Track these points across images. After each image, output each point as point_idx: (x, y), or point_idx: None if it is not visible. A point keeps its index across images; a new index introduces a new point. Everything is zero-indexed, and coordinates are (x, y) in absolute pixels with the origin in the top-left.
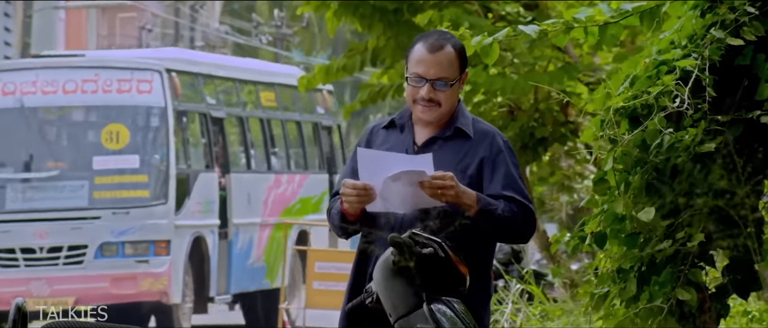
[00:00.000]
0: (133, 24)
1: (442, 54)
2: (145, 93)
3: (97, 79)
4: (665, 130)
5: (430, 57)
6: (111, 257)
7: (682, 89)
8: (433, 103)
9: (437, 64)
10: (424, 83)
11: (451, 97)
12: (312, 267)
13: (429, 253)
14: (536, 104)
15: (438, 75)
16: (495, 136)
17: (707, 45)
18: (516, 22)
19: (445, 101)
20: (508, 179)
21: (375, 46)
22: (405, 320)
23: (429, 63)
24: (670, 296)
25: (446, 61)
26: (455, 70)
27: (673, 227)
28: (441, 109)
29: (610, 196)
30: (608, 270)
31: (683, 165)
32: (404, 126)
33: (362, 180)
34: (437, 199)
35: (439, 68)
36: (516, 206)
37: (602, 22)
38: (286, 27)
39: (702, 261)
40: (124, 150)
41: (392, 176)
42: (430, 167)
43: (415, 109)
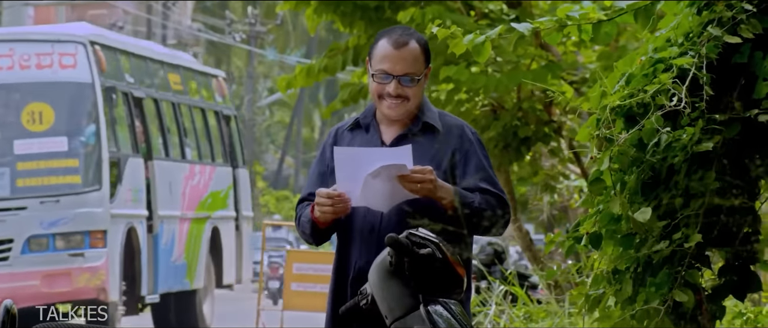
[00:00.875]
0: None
1: (408, 50)
2: (69, 68)
3: (12, 54)
4: (662, 129)
5: (395, 53)
6: (41, 252)
7: (679, 88)
8: (400, 98)
9: (403, 60)
10: (391, 79)
11: (418, 92)
12: (290, 268)
13: (426, 253)
14: (519, 103)
15: (404, 71)
16: (464, 128)
17: (704, 43)
18: (499, 19)
19: (413, 96)
20: (482, 171)
21: (356, 45)
22: (401, 322)
23: (395, 59)
24: (666, 297)
25: (412, 57)
26: (421, 66)
27: (670, 228)
28: (408, 105)
29: (606, 196)
30: (603, 271)
31: (680, 165)
32: (369, 126)
33: (339, 180)
34: (416, 193)
35: (405, 64)
36: (492, 197)
37: (596, 20)
38: (260, 24)
39: (698, 262)
40: (49, 132)
41: (372, 172)
42: (409, 160)
43: (382, 106)
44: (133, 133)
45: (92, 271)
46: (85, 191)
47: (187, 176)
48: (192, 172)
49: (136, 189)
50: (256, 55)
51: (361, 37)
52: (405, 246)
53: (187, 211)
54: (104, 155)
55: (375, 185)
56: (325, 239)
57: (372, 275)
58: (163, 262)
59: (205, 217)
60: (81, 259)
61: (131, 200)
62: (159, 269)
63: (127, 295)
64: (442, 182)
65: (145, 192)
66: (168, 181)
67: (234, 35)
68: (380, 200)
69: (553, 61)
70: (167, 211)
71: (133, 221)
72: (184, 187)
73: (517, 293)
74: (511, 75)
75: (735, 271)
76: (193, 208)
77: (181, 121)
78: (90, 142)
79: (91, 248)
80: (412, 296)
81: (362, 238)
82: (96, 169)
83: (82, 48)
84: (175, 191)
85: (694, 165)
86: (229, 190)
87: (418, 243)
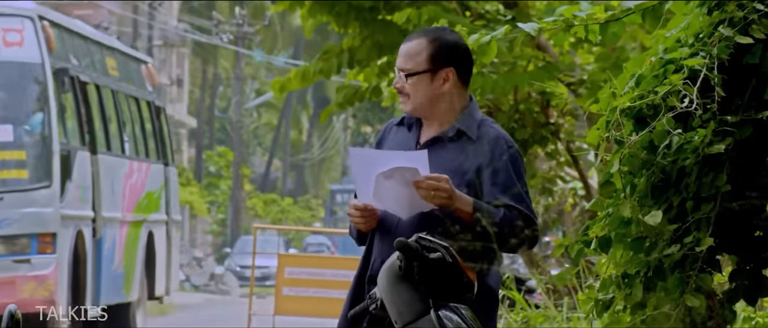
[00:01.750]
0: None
1: (411, 44)
2: (15, 45)
3: None
4: (674, 131)
5: (402, 48)
6: None
7: (690, 89)
8: (402, 94)
9: (403, 55)
10: (399, 74)
11: (419, 89)
12: (282, 272)
13: (436, 258)
14: (516, 105)
15: (401, 65)
16: (499, 140)
17: (715, 43)
18: (494, 20)
19: (413, 93)
20: (510, 186)
21: (351, 47)
22: (411, 326)
23: (400, 53)
24: (677, 302)
25: (412, 52)
26: (423, 63)
27: (681, 231)
28: (411, 101)
29: (616, 199)
30: (611, 275)
31: (691, 167)
32: (412, 125)
33: (355, 180)
34: (430, 201)
35: (404, 59)
36: (516, 215)
37: (603, 20)
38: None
39: (708, 266)
40: None
41: (384, 172)
42: (424, 164)
43: None
44: (80, 123)
45: (40, 280)
46: (33, 187)
47: (127, 174)
48: (131, 169)
49: (84, 187)
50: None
51: (356, 39)
52: (415, 250)
53: (126, 213)
54: (55, 147)
55: (389, 187)
56: None
57: (381, 280)
58: (106, 270)
59: (142, 220)
60: (27, 266)
61: (79, 199)
62: (102, 279)
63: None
64: (460, 193)
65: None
66: (111, 178)
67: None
68: (397, 206)
69: (551, 63)
70: (110, 212)
71: (81, 223)
72: (124, 185)
73: (515, 298)
74: (508, 76)
75: (746, 275)
76: (131, 209)
77: (121, 111)
78: (37, 132)
79: (39, 253)
80: (422, 300)
81: (380, 239)
82: (45, 163)
83: (30, 23)
84: (116, 190)
85: (706, 167)
86: (161, 190)
87: (428, 247)
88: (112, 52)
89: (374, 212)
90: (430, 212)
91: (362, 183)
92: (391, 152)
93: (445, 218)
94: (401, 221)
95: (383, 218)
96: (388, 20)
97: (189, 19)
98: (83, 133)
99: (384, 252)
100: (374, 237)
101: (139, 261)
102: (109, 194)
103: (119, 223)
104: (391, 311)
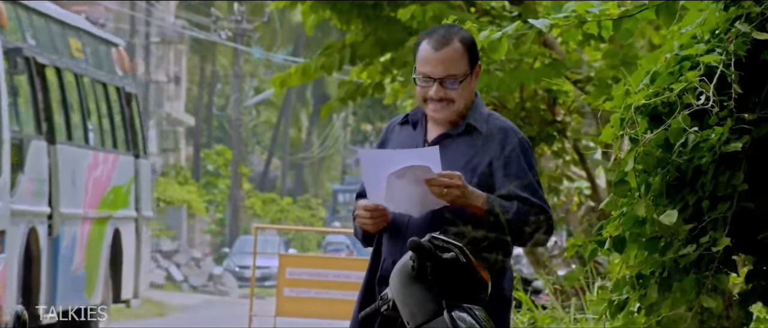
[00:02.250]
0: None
1: (449, 50)
2: None
3: None
4: (690, 128)
5: (436, 55)
6: None
7: (706, 86)
8: (444, 101)
9: (444, 62)
10: (433, 83)
11: (463, 93)
12: (283, 273)
13: (450, 258)
14: (522, 103)
15: (446, 73)
16: (509, 133)
17: (732, 39)
18: (500, 17)
19: (458, 97)
20: (522, 178)
21: (353, 42)
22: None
23: (435, 61)
24: (693, 303)
25: (454, 57)
26: (464, 65)
27: (696, 231)
28: (454, 107)
29: (630, 198)
30: (625, 276)
31: (707, 165)
32: (417, 123)
33: (365, 182)
34: (442, 198)
35: (447, 66)
36: (530, 208)
37: (617, 16)
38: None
39: (725, 267)
40: None
41: (396, 172)
42: (436, 161)
43: (427, 109)
44: (36, 110)
45: None
46: None
47: (91, 166)
48: (96, 160)
49: (39, 180)
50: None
51: (359, 35)
52: (428, 250)
53: (89, 208)
54: (4, 135)
55: (401, 187)
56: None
57: (393, 280)
58: (63, 271)
59: (107, 216)
60: None
61: (33, 193)
62: (58, 281)
63: None
64: (473, 189)
65: (48, 184)
66: (71, 170)
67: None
68: (410, 204)
69: (557, 60)
70: (70, 208)
71: (35, 220)
72: (88, 179)
73: (521, 299)
74: (514, 74)
75: (763, 276)
76: (95, 205)
77: (84, 96)
78: None
79: None
80: (435, 301)
81: (390, 239)
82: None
83: None
84: (78, 184)
85: (722, 166)
86: (130, 184)
87: (441, 247)
88: (77, 32)
89: (385, 213)
90: (442, 210)
91: (373, 184)
92: (402, 151)
93: (456, 215)
94: (412, 220)
95: (394, 218)
96: (391, 17)
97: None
98: (39, 121)
99: (395, 252)
100: (383, 237)
101: (104, 261)
102: (69, 187)
103: (81, 220)
104: (403, 312)
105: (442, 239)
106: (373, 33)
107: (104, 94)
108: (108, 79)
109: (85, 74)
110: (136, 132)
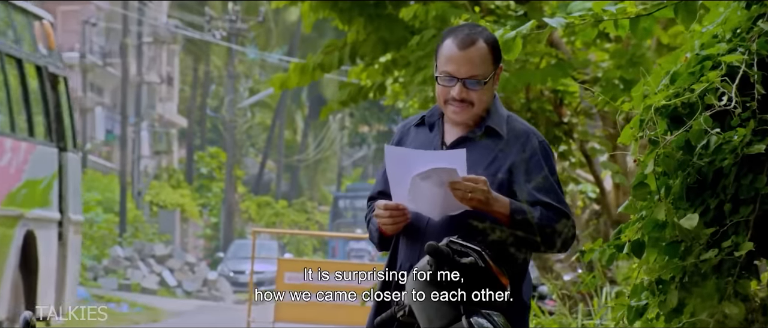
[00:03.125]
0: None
1: (474, 50)
2: None
3: None
4: (712, 130)
5: (460, 54)
6: None
7: (728, 86)
8: (465, 103)
9: (469, 62)
10: (455, 82)
11: (484, 95)
12: (281, 278)
13: (469, 262)
14: (528, 104)
15: (470, 73)
16: (530, 136)
17: (754, 39)
18: (505, 16)
19: (479, 101)
20: (544, 183)
21: (354, 41)
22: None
23: (460, 60)
24: (715, 309)
25: (478, 58)
26: (488, 67)
27: (718, 235)
28: (474, 109)
29: (650, 201)
30: (642, 281)
31: (729, 168)
32: (434, 124)
33: (390, 180)
34: (466, 203)
35: (471, 66)
36: (553, 213)
37: (634, 15)
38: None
39: (747, 272)
40: None
41: (421, 174)
42: (462, 165)
43: (447, 110)
44: None
45: None
46: None
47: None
48: (1, 148)
49: None
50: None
51: (360, 34)
52: (446, 255)
53: None
54: None
55: (424, 189)
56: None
57: (410, 285)
58: None
59: (17, 215)
60: None
61: None
62: None
63: None
64: (497, 194)
65: None
66: None
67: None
68: (431, 207)
69: (563, 60)
70: None
71: None
72: None
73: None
74: (520, 74)
75: None
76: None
77: None
78: None
79: None
80: (453, 307)
81: (408, 243)
82: None
83: None
84: None
85: (744, 168)
86: (52, 180)
87: (459, 251)
88: None
89: (405, 213)
90: (461, 215)
91: (396, 182)
92: (428, 152)
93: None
94: (430, 224)
95: (411, 222)
96: (393, 16)
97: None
98: None
99: (412, 257)
100: (399, 242)
101: (10, 269)
102: None
103: None
104: (420, 318)
105: (460, 243)
106: (374, 32)
107: (19, 72)
108: (26, 56)
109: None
110: (63, 121)
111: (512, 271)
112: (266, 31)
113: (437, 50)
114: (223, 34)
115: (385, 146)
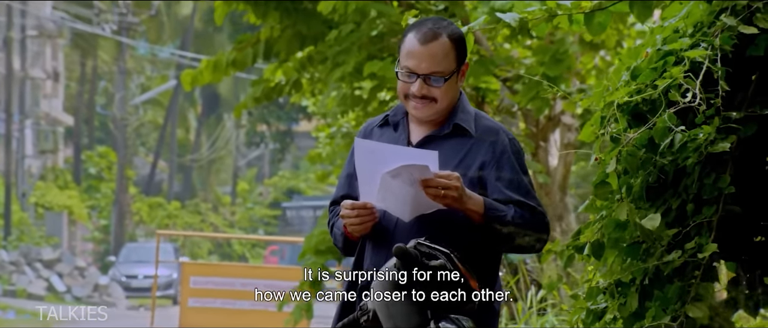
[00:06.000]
0: None
1: (436, 45)
2: None
3: None
4: (676, 127)
5: (421, 49)
6: None
7: (692, 83)
8: (426, 99)
9: (430, 57)
10: (416, 78)
11: (448, 92)
12: (186, 283)
13: (437, 265)
14: None
15: (431, 69)
16: (499, 133)
17: (717, 34)
18: (426, 11)
19: (441, 97)
20: (516, 181)
21: (269, 37)
22: None
23: (421, 56)
24: (678, 312)
25: (441, 53)
26: (451, 63)
27: (680, 236)
28: (437, 106)
29: (611, 201)
30: (598, 283)
31: (692, 167)
32: (398, 123)
33: (359, 176)
34: (439, 202)
35: (432, 61)
36: (527, 211)
37: (589, 10)
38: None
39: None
40: None
41: (391, 171)
42: (434, 165)
43: (408, 106)
44: None
45: None
46: None
47: None
48: None
49: None
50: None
51: (275, 29)
52: (414, 257)
53: None
54: None
55: (394, 187)
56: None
57: (375, 289)
58: None
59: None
60: None
61: None
62: None
63: None
64: (470, 192)
65: None
66: None
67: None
68: (401, 206)
69: (485, 56)
70: None
71: None
72: None
73: None
74: None
75: (747, 283)
76: None
77: None
78: None
79: None
80: (420, 311)
81: (374, 246)
82: None
83: None
84: None
85: (707, 167)
86: None
87: (427, 254)
88: None
89: (373, 213)
90: (430, 216)
91: (365, 178)
92: (401, 148)
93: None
94: (398, 226)
95: (378, 223)
96: (310, 10)
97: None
98: None
99: (378, 260)
100: (365, 244)
101: None
102: None
103: None
104: (385, 323)
105: (428, 245)
106: (291, 27)
107: None
108: None
109: None
110: None
111: (482, 273)
112: (158, 24)
113: (399, 45)
114: (113, 28)
115: (356, 139)
